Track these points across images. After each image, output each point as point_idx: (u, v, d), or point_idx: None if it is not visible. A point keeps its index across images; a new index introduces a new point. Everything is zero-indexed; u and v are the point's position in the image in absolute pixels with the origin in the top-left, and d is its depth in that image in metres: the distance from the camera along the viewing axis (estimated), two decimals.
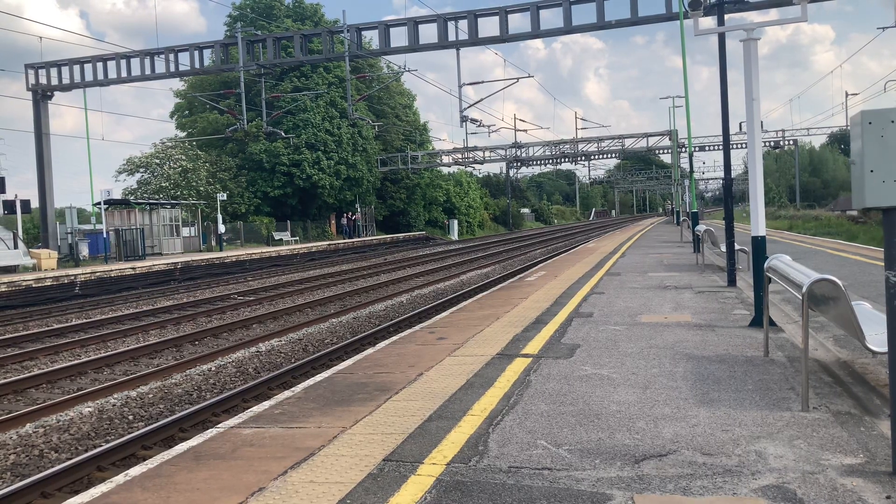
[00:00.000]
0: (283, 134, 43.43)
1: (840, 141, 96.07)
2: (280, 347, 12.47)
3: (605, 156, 61.50)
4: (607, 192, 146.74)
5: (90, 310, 19.05)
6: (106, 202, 33.29)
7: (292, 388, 6.59)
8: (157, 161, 45.77)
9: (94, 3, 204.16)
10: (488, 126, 40.50)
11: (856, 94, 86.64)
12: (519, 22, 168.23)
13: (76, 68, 34.35)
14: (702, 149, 69.81)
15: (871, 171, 3.71)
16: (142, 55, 33.44)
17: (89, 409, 8.81)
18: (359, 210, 54.69)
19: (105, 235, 32.23)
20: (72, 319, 17.10)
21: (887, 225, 3.74)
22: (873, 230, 33.13)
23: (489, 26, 29.16)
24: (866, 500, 3.55)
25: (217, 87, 47.76)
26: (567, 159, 62.74)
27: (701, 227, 18.09)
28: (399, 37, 30.34)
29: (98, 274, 25.20)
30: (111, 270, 25.95)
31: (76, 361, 11.55)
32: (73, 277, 24.18)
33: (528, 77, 38.57)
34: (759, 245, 8.32)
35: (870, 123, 3.71)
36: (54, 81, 35.02)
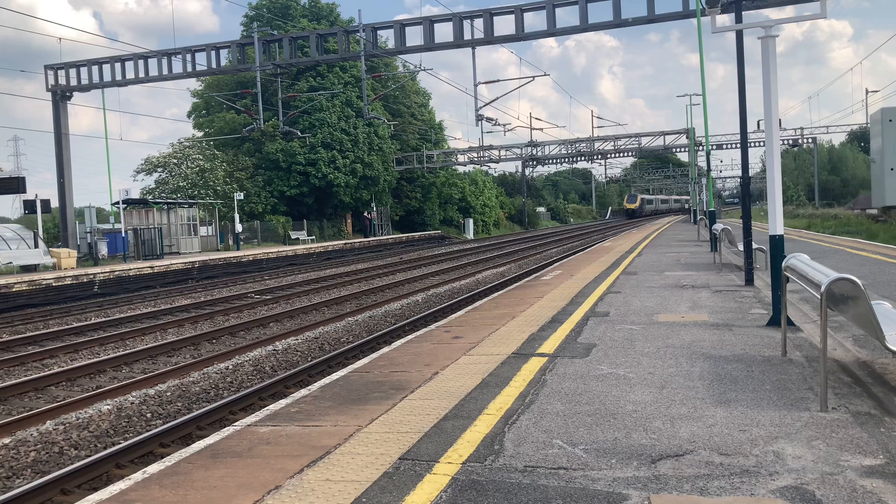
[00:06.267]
0: (299, 133, 43.59)
1: (860, 139, 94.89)
2: (297, 346, 12.52)
3: (621, 154, 61.31)
4: (623, 191, 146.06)
5: (109, 308, 19.22)
6: (124, 202, 33.57)
7: (308, 387, 6.61)
8: (175, 161, 46.09)
9: (107, 4, 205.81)
10: (504, 125, 40.56)
11: (876, 91, 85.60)
12: (534, 20, 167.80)
13: (94, 69, 34.67)
14: (719, 147, 69.47)
15: (892, 168, 3.67)
16: (159, 55, 33.71)
17: (108, 407, 8.90)
18: (374, 209, 54.82)
19: (124, 235, 32.54)
20: (91, 318, 17.26)
21: None
22: (894, 229, 32.70)
23: (504, 25, 29.26)
24: (886, 501, 3.51)
25: (234, 86, 48.07)
26: (583, 158, 62.67)
27: (718, 226, 17.98)
28: (414, 36, 30.42)
29: (117, 273, 25.42)
30: (129, 269, 26.17)
31: (95, 359, 11.66)
32: (92, 276, 24.41)
33: (544, 75, 38.70)
34: (776, 244, 8.25)
35: (890, 121, 3.68)
36: (73, 82, 35.36)
